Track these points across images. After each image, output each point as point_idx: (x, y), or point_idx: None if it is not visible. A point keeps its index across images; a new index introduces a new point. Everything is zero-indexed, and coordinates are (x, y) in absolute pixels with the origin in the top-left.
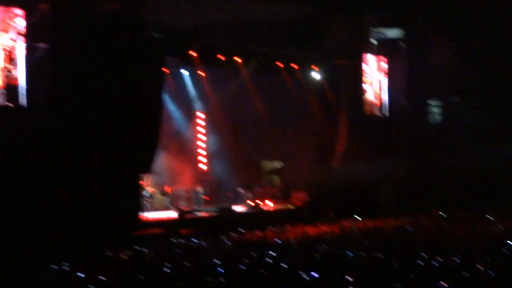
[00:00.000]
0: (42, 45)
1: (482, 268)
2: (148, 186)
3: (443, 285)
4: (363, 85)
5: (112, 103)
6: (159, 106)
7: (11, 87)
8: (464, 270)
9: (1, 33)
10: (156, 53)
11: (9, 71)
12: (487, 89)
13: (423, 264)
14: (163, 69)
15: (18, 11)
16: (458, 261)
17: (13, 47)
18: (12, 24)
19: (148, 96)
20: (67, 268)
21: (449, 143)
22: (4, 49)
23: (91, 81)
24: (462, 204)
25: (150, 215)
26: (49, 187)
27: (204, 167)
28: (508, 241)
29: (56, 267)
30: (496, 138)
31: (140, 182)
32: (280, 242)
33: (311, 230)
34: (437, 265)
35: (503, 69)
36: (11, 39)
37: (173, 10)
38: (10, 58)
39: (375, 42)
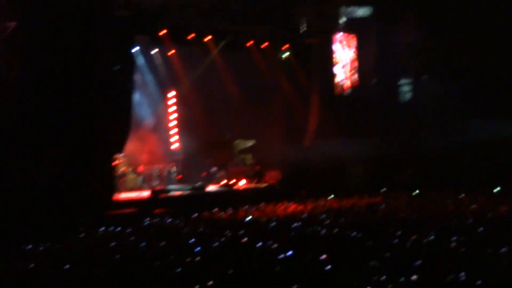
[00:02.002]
0: (8, 25)
1: (455, 246)
2: (121, 165)
3: (418, 263)
4: (333, 64)
5: (82, 84)
6: (130, 85)
7: None
8: (438, 247)
9: None
10: (126, 32)
11: None
12: (458, 67)
13: (398, 241)
14: (133, 47)
15: None
16: (432, 238)
17: None
18: None
19: (118, 76)
20: (41, 248)
21: (419, 123)
22: None
23: (59, 62)
24: (432, 182)
25: (123, 195)
26: (22, 168)
27: (176, 146)
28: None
29: (30, 247)
30: (467, 116)
31: (113, 162)
32: (253, 220)
33: (284, 208)
34: (412, 242)
35: (473, 47)
36: None
37: None
38: None
39: (344, 20)
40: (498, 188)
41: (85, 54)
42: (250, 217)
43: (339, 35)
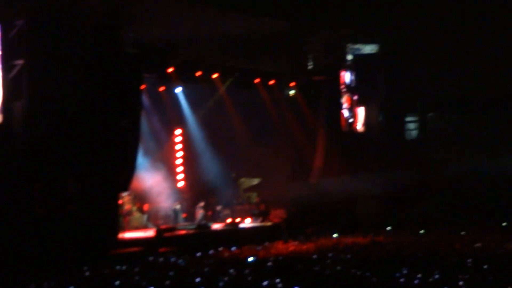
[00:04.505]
0: (18, 61)
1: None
2: (126, 204)
3: None
4: (340, 101)
5: (89, 120)
6: (137, 123)
7: None
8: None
9: None
10: (134, 70)
11: None
12: (464, 102)
13: (403, 280)
14: (141, 85)
15: None
16: (438, 277)
17: None
18: None
19: (126, 113)
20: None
21: (426, 159)
22: None
23: (67, 98)
24: (439, 219)
25: (128, 233)
26: (25, 206)
27: (182, 184)
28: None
29: (34, 286)
30: (473, 152)
31: (119, 200)
32: (258, 259)
33: (289, 247)
34: (417, 281)
35: (479, 82)
36: None
37: (151, 26)
38: None
39: (351, 58)
40: (505, 223)
41: (93, 91)
42: (252, 258)
43: (346, 73)
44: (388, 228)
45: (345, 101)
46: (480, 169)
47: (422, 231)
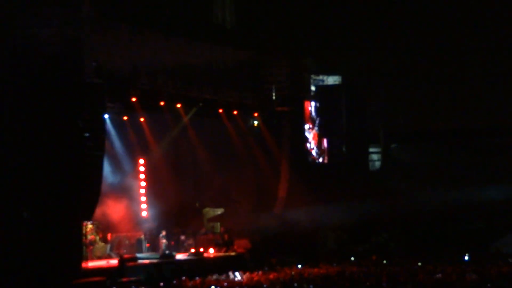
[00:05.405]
0: None
1: None
2: (89, 233)
3: None
4: (304, 131)
5: (52, 150)
6: (100, 152)
7: None
8: None
9: None
10: (97, 99)
11: None
12: (426, 134)
13: None
14: (104, 114)
15: None
16: None
17: None
18: None
19: (89, 143)
20: None
21: (389, 189)
22: None
23: (29, 127)
24: (403, 250)
25: (91, 262)
26: None
27: (145, 214)
28: None
29: None
30: (435, 183)
31: (82, 229)
32: None
33: (253, 277)
34: None
35: (441, 114)
36: None
37: (114, 56)
38: None
39: (315, 88)
40: (467, 257)
41: (56, 121)
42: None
43: (310, 103)
44: (352, 258)
45: (313, 135)
46: (441, 199)
47: (385, 261)
